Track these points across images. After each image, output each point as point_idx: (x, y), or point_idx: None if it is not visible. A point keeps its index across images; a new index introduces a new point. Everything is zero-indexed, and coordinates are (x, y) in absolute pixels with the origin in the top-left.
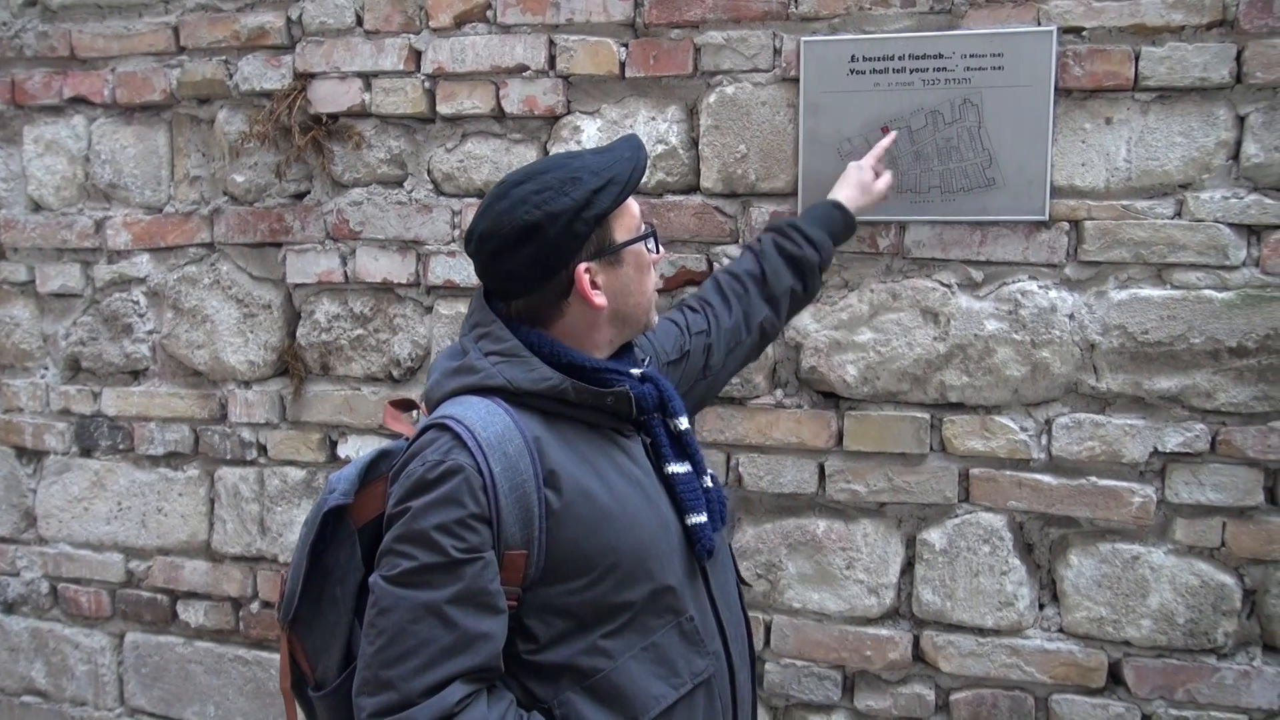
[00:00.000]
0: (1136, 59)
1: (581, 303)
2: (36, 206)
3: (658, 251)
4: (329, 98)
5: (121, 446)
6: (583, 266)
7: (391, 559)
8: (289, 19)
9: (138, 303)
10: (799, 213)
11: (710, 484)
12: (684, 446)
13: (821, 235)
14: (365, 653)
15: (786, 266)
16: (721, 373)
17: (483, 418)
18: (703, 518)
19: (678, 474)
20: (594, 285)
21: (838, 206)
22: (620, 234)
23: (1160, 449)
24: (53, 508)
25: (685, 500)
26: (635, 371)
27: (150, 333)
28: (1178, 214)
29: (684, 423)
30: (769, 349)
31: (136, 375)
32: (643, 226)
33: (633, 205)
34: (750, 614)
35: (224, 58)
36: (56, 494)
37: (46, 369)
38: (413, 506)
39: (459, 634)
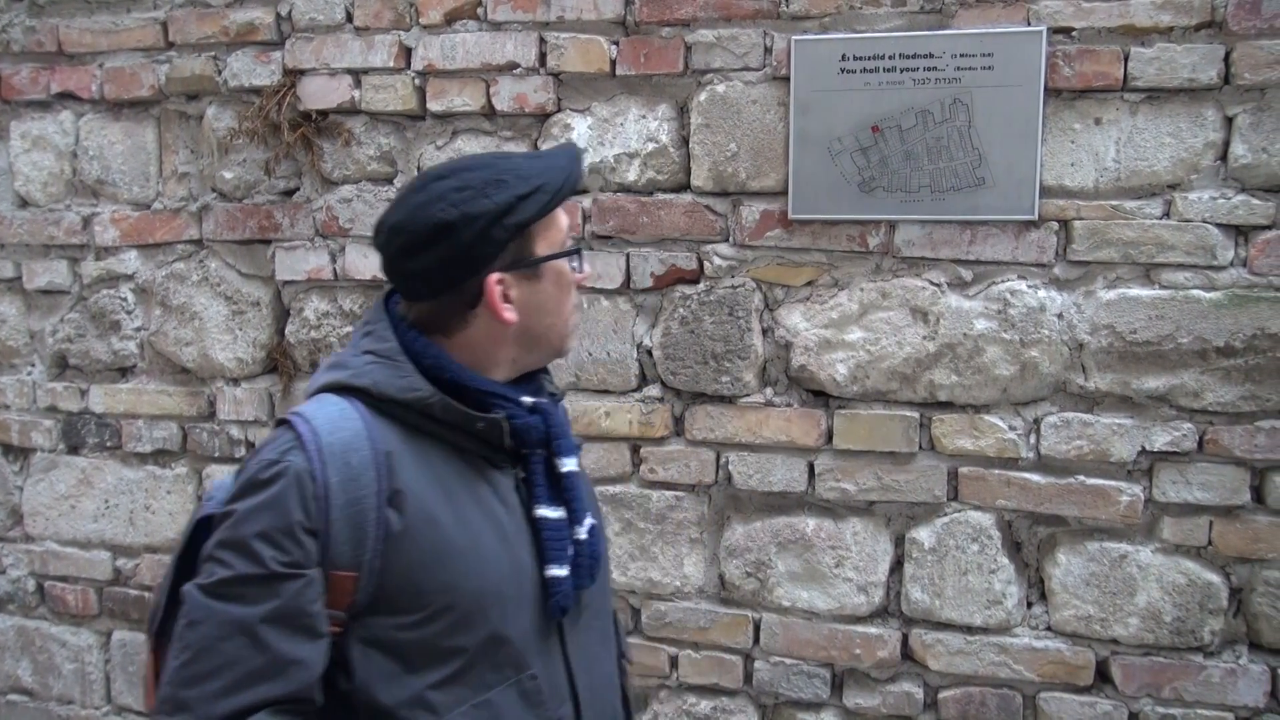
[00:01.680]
0: (1126, 59)
1: (489, 315)
2: (23, 203)
3: (582, 271)
4: (318, 94)
5: (109, 444)
6: (495, 277)
7: (210, 566)
8: (278, 15)
9: (125, 299)
10: (788, 211)
11: (586, 535)
12: (562, 490)
13: None
14: (169, 667)
15: None
16: None
17: (333, 420)
18: (562, 571)
19: (547, 519)
20: (506, 299)
21: None
22: (542, 247)
23: (1148, 448)
24: (39, 505)
25: (548, 548)
26: (527, 400)
27: (138, 330)
28: (1166, 214)
29: (569, 464)
30: (758, 346)
31: (124, 372)
32: (569, 242)
33: (561, 219)
34: (739, 611)
35: (213, 54)
36: (43, 491)
37: (33, 366)
38: (238, 509)
39: (270, 657)
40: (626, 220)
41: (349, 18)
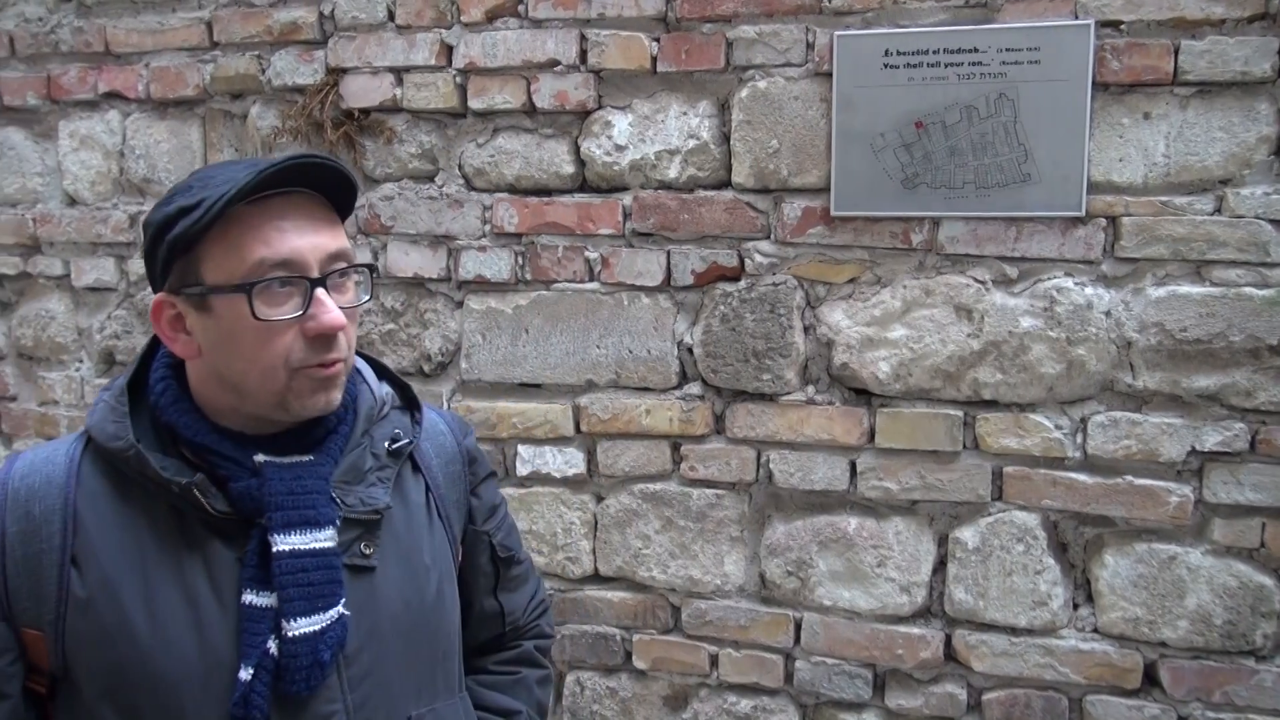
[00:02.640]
0: (1176, 53)
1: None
2: (72, 201)
3: (299, 311)
4: (361, 93)
5: None
6: (159, 297)
7: None
8: (321, 14)
9: None
10: (830, 208)
11: (304, 631)
12: (273, 574)
13: None
14: None
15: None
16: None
17: (33, 464)
18: (245, 673)
19: (250, 607)
20: (180, 326)
21: None
22: (212, 274)
23: (1198, 448)
24: None
25: (241, 643)
26: (259, 458)
27: None
28: (1217, 210)
29: (287, 542)
30: (800, 344)
31: None
32: (279, 273)
33: (247, 244)
34: (780, 610)
35: (257, 53)
36: None
37: (81, 362)
38: None
39: None
40: (667, 217)
41: (391, 16)
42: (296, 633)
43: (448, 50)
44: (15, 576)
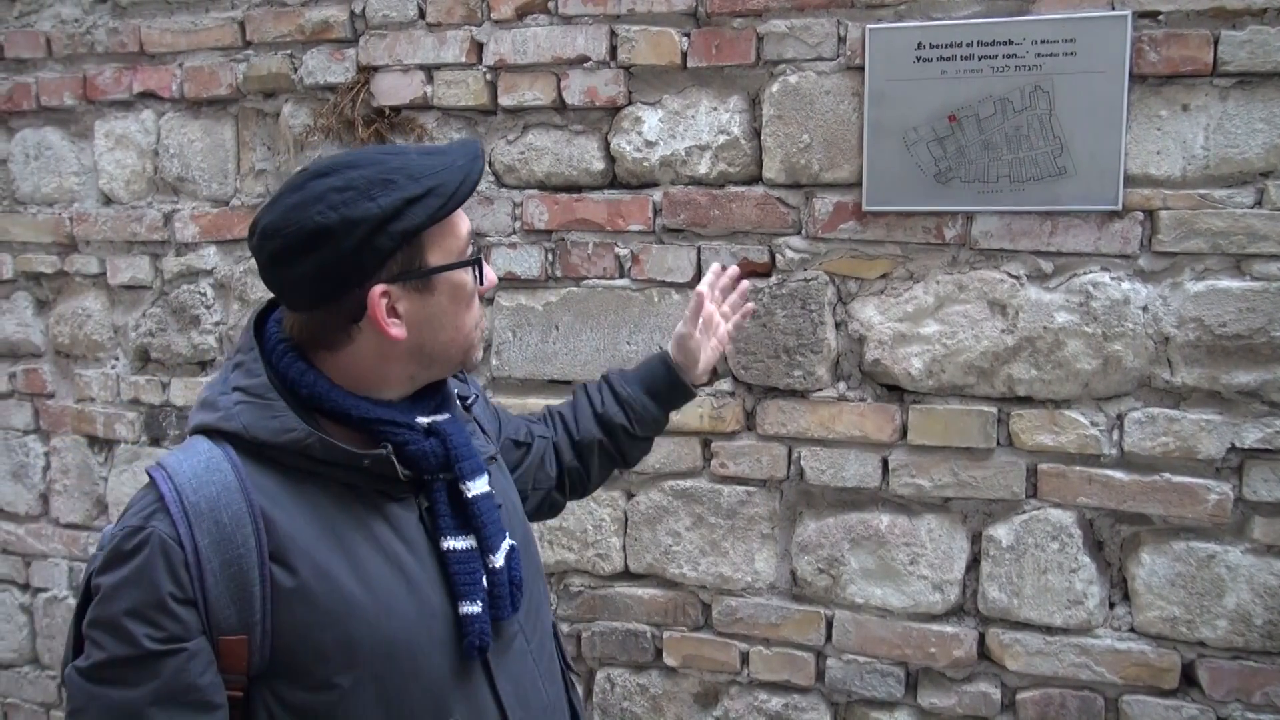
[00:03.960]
0: (1215, 43)
1: (375, 331)
2: (107, 200)
3: (480, 281)
4: (392, 91)
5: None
6: (380, 289)
7: (87, 646)
8: (352, 13)
9: (205, 294)
10: (862, 203)
11: (502, 562)
12: (470, 517)
13: (636, 393)
14: None
15: (594, 422)
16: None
17: (197, 474)
18: (475, 607)
19: (455, 551)
20: (393, 312)
21: (665, 361)
22: (436, 256)
23: (1238, 445)
24: (123, 495)
25: (458, 584)
26: (422, 421)
27: (217, 324)
28: (1258, 203)
29: (476, 487)
30: (831, 340)
31: (204, 366)
32: (470, 249)
33: (459, 224)
34: (811, 608)
35: (289, 52)
36: (127, 482)
37: (117, 359)
38: (104, 584)
39: None
40: (697, 213)
41: (421, 14)
42: (498, 564)
43: (478, 47)
44: (215, 586)
